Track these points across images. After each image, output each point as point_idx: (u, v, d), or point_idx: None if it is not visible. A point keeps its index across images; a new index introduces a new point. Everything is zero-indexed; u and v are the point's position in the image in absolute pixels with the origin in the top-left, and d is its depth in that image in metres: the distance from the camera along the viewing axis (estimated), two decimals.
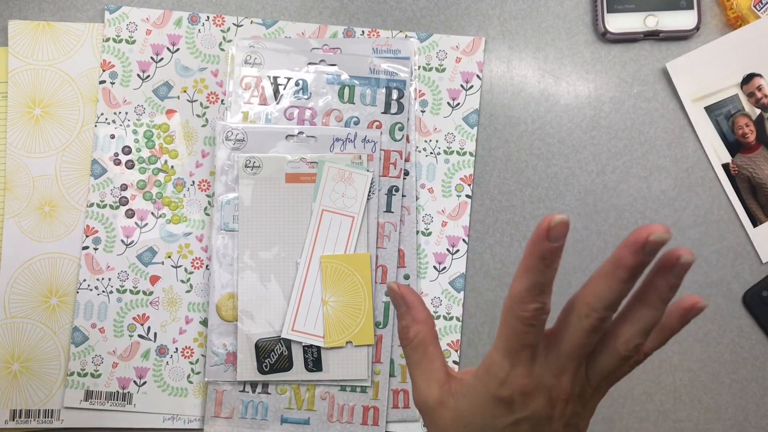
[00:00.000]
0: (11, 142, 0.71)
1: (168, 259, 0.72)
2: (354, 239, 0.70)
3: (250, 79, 0.71)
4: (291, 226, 0.70)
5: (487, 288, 0.72)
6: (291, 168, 0.70)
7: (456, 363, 0.71)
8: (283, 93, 0.71)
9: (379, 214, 0.71)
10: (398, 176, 0.71)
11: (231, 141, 0.70)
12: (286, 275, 0.70)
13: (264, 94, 0.71)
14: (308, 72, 0.71)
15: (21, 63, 0.71)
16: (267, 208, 0.70)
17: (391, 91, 0.71)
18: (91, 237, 0.71)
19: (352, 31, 0.73)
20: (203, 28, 0.73)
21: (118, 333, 0.71)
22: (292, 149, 0.70)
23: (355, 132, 0.71)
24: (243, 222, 0.69)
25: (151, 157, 0.72)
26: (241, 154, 0.70)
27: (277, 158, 0.70)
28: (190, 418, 0.71)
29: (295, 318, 0.69)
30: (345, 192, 0.70)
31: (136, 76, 0.72)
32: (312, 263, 0.69)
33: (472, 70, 0.72)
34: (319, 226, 0.69)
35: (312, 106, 0.71)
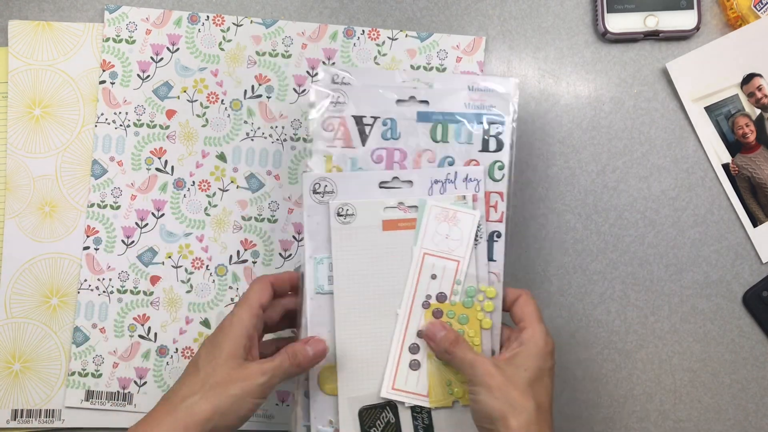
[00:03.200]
0: (11, 142, 0.71)
1: (168, 259, 0.72)
2: (460, 286, 0.62)
3: (332, 120, 0.63)
4: (390, 277, 0.62)
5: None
6: (388, 214, 0.62)
7: None
8: (370, 134, 0.63)
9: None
10: (500, 220, 0.63)
11: (320, 194, 0.62)
12: (386, 329, 0.62)
13: (348, 136, 0.63)
14: (397, 110, 0.64)
15: (21, 63, 0.71)
16: (364, 260, 0.62)
17: (489, 127, 0.64)
18: (91, 237, 0.71)
19: (352, 31, 0.73)
20: (203, 28, 0.73)
21: (119, 333, 0.71)
22: (386, 196, 0.63)
23: (455, 171, 0.63)
24: (339, 279, 0.62)
25: (151, 158, 0.72)
26: (333, 201, 0.62)
27: (372, 204, 0.62)
28: None
29: (396, 375, 0.61)
30: (449, 233, 0.62)
31: (136, 76, 0.72)
32: (413, 312, 0.62)
33: (473, 69, 0.72)
34: (420, 272, 0.62)
35: (402, 146, 0.63)
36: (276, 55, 0.73)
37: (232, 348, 0.57)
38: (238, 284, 0.72)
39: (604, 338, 0.73)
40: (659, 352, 0.72)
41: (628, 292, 0.73)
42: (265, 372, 0.56)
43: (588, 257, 0.73)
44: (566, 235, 0.73)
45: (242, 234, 0.72)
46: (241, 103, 0.72)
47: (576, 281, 0.73)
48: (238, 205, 0.72)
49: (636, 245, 0.73)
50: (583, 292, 0.73)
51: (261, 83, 0.72)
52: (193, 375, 0.56)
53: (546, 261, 0.73)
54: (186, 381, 0.56)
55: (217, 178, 0.72)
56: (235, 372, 0.56)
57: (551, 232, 0.73)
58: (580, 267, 0.73)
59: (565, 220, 0.73)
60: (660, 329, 0.73)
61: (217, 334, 0.58)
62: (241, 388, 0.55)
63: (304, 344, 0.59)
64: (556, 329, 0.72)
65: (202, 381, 0.55)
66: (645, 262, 0.73)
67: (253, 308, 0.59)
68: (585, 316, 0.73)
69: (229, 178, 0.72)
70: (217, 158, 0.72)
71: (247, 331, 0.58)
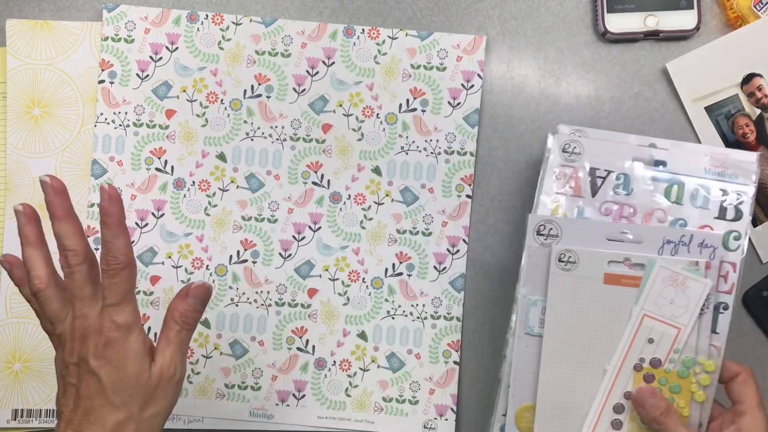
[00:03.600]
0: (11, 142, 0.71)
1: (168, 259, 0.72)
2: (677, 355, 0.61)
3: (566, 169, 0.64)
4: (603, 331, 0.62)
5: (487, 288, 0.72)
6: (611, 268, 0.62)
7: (456, 363, 0.72)
8: (601, 186, 0.64)
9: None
10: (729, 291, 0.62)
11: (543, 236, 0.63)
12: (590, 382, 0.62)
13: (579, 186, 0.63)
14: (632, 167, 0.64)
15: (19, 63, 0.71)
16: (579, 309, 0.62)
17: (729, 195, 0.63)
18: (92, 237, 0.71)
19: (352, 30, 0.72)
20: (202, 27, 0.72)
21: None
22: (613, 249, 0.62)
23: (690, 234, 0.61)
24: (550, 324, 0.62)
25: (151, 157, 0.72)
26: (556, 246, 0.62)
27: (597, 255, 0.62)
28: (190, 419, 0.72)
29: (594, 429, 0.62)
30: (674, 299, 0.61)
31: (136, 75, 0.72)
32: (622, 372, 0.61)
33: (473, 69, 0.72)
34: (636, 333, 0.61)
35: (633, 203, 0.63)
36: (275, 55, 0.72)
37: (136, 361, 0.53)
38: (237, 284, 0.72)
39: None
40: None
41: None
42: (173, 365, 0.54)
43: None
44: None
45: (242, 234, 0.72)
46: (240, 103, 0.72)
47: None
48: (238, 205, 0.72)
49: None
50: None
51: (261, 83, 0.72)
52: (109, 411, 0.52)
53: None
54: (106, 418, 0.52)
55: (217, 178, 0.72)
56: (149, 386, 0.53)
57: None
58: None
59: None
60: None
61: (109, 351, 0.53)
62: (165, 397, 0.54)
63: (185, 298, 0.56)
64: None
65: (128, 415, 0.52)
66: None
67: (129, 301, 0.54)
68: None
69: (229, 178, 0.72)
70: (216, 158, 0.72)
71: (139, 330, 0.54)
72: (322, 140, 0.72)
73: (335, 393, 0.71)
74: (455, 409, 0.72)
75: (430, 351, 0.72)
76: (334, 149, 0.72)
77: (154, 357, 0.54)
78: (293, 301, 0.72)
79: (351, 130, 0.72)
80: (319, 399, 0.71)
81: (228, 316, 0.72)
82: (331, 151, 0.72)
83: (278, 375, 0.72)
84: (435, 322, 0.72)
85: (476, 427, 0.72)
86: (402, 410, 0.72)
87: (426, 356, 0.72)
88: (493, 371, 0.72)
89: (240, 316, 0.72)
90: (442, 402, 0.72)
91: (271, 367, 0.72)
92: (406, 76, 0.72)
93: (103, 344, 0.52)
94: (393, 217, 0.72)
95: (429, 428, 0.71)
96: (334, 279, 0.72)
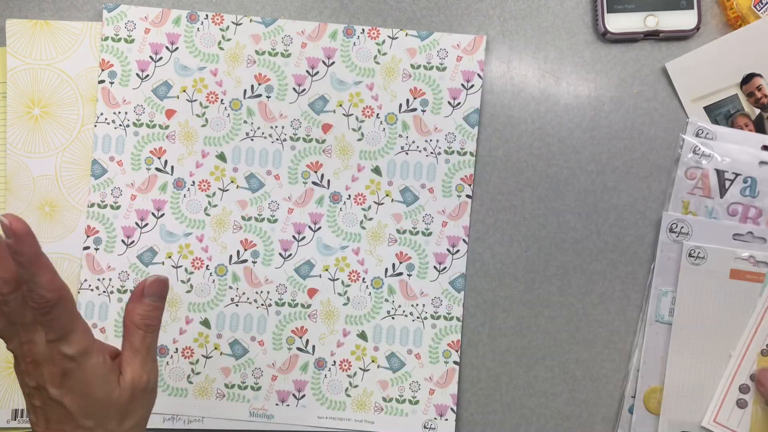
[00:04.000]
0: (11, 142, 0.71)
1: (168, 259, 0.72)
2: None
3: (695, 170, 0.70)
4: (728, 320, 0.69)
5: (487, 288, 0.72)
6: (737, 264, 0.69)
7: (456, 363, 0.72)
8: (729, 188, 0.69)
9: None
10: None
11: (675, 233, 0.70)
12: (716, 365, 0.69)
13: (708, 187, 0.69)
14: (759, 171, 0.70)
15: (19, 62, 0.71)
16: (706, 300, 0.69)
17: None
18: (92, 237, 0.71)
19: (352, 30, 0.72)
20: (202, 27, 0.72)
21: (119, 333, 0.71)
22: (739, 247, 0.69)
23: None
24: (679, 312, 0.69)
25: (151, 157, 0.72)
26: (687, 243, 0.69)
27: (725, 252, 0.69)
28: (190, 419, 0.72)
29: (720, 409, 0.68)
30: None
31: (135, 75, 0.72)
32: (746, 358, 0.68)
33: (473, 69, 0.72)
34: (760, 322, 0.68)
35: (758, 205, 0.70)
36: (275, 55, 0.72)
37: (100, 383, 0.50)
38: (238, 284, 0.72)
39: (604, 338, 0.73)
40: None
41: (628, 292, 0.73)
42: (143, 373, 0.52)
43: (588, 257, 0.73)
44: (566, 235, 0.73)
45: (242, 234, 0.72)
46: (240, 103, 0.72)
47: (576, 281, 0.73)
48: (238, 205, 0.72)
49: (636, 245, 0.73)
50: (583, 292, 0.73)
51: (260, 83, 0.72)
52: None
53: (546, 261, 0.73)
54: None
55: (217, 177, 0.72)
56: (121, 401, 0.51)
57: (551, 232, 0.73)
58: (580, 267, 0.73)
59: (565, 220, 0.73)
60: None
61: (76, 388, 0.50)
62: (142, 406, 0.52)
63: (141, 299, 0.52)
64: (556, 329, 0.73)
65: (106, 431, 0.51)
66: (645, 261, 0.73)
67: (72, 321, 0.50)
68: (585, 316, 0.73)
69: (228, 178, 0.72)
70: (216, 158, 0.72)
71: (105, 360, 0.51)
72: (322, 140, 0.72)
73: (335, 393, 0.71)
74: (455, 409, 0.72)
75: (430, 351, 0.72)
76: (334, 149, 0.72)
77: (122, 369, 0.51)
78: (293, 301, 0.72)
79: (351, 130, 0.72)
80: (319, 399, 0.71)
81: (228, 316, 0.72)
82: (331, 151, 0.72)
83: (278, 375, 0.72)
84: (435, 322, 0.72)
85: (476, 428, 0.72)
86: (402, 410, 0.72)
87: (426, 356, 0.72)
88: (494, 371, 0.72)
89: (240, 316, 0.72)
90: (442, 402, 0.72)
91: (271, 367, 0.72)
92: (406, 76, 0.72)
93: (60, 374, 0.49)
94: (393, 217, 0.72)
95: (429, 428, 0.71)
96: (334, 279, 0.72)
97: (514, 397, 0.73)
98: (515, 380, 0.73)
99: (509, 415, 0.73)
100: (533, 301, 0.73)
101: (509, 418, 0.73)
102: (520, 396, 0.73)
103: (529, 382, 0.73)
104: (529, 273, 0.73)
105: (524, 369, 0.73)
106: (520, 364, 0.73)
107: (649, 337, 0.70)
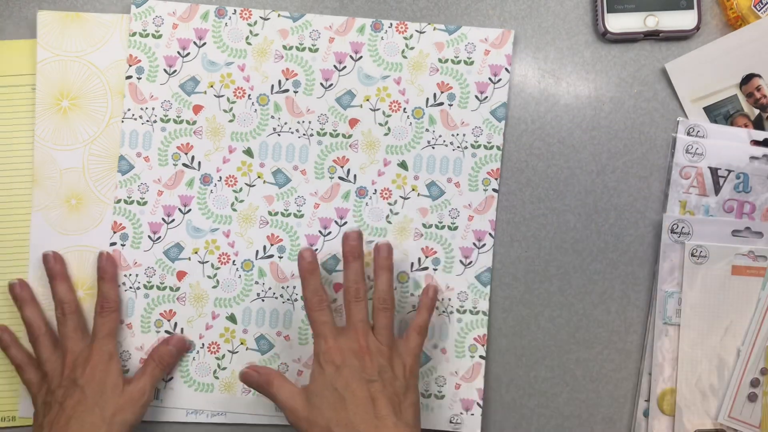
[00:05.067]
0: (39, 134, 0.71)
1: (195, 254, 0.72)
2: None
3: (689, 169, 0.70)
4: (734, 316, 0.70)
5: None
6: (738, 261, 0.70)
7: (482, 358, 0.71)
8: (723, 185, 0.70)
9: None
10: None
11: (676, 234, 0.70)
12: (725, 362, 0.70)
13: (704, 185, 0.70)
14: (750, 166, 0.70)
15: (49, 54, 0.71)
16: (711, 298, 0.70)
17: None
18: (118, 233, 0.71)
19: (380, 24, 0.72)
20: (230, 22, 0.72)
21: (146, 329, 0.71)
22: (738, 244, 0.70)
23: None
24: (686, 312, 0.70)
25: (178, 153, 0.72)
26: (689, 242, 0.70)
27: (725, 249, 0.70)
28: (213, 413, 0.71)
29: (733, 404, 0.69)
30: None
31: (163, 71, 0.72)
32: (754, 351, 0.69)
33: (501, 63, 0.72)
34: (765, 315, 0.69)
35: (752, 200, 0.71)
36: (303, 49, 0.72)
37: (114, 379, 0.66)
38: (264, 279, 0.72)
39: (604, 338, 0.72)
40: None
41: (628, 292, 0.72)
42: (144, 390, 0.67)
43: (588, 257, 0.72)
44: (566, 235, 0.72)
45: (269, 229, 0.72)
46: (268, 98, 0.72)
47: (576, 281, 0.72)
48: (265, 201, 0.72)
49: (636, 245, 0.72)
50: (583, 292, 0.72)
51: (288, 78, 0.72)
52: (87, 413, 0.64)
53: (546, 261, 0.72)
54: (84, 418, 0.64)
55: (244, 173, 0.72)
56: (121, 399, 0.66)
57: (551, 232, 0.72)
58: (580, 267, 0.72)
59: (565, 220, 0.72)
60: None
61: (95, 371, 0.66)
62: (132, 412, 0.66)
63: (167, 345, 0.70)
64: (556, 329, 0.72)
65: (101, 417, 0.64)
66: (645, 262, 0.72)
67: (114, 336, 0.68)
68: (585, 316, 0.72)
69: (255, 173, 0.72)
70: (243, 153, 0.72)
71: (118, 359, 0.68)
72: (348, 135, 0.72)
73: None
74: (481, 403, 0.71)
75: (455, 345, 0.71)
76: (360, 144, 0.72)
77: (130, 382, 0.67)
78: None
79: (378, 124, 0.72)
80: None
81: (254, 311, 0.72)
82: (357, 145, 0.72)
83: (304, 370, 0.71)
84: (461, 317, 0.71)
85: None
86: (428, 405, 0.71)
87: (452, 351, 0.71)
88: (494, 371, 0.72)
89: (266, 311, 0.72)
90: (468, 397, 0.71)
91: (297, 362, 0.71)
92: (433, 70, 0.72)
93: (91, 367, 0.66)
94: (419, 212, 0.72)
95: (455, 423, 0.71)
96: None
97: (515, 397, 0.72)
98: (515, 380, 0.72)
99: (509, 415, 0.72)
100: (533, 301, 0.72)
101: (509, 418, 0.72)
102: (520, 396, 0.72)
103: (529, 382, 0.72)
104: (529, 273, 0.72)
105: (524, 369, 0.72)
106: (520, 364, 0.72)
107: (657, 339, 0.70)
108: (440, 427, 0.71)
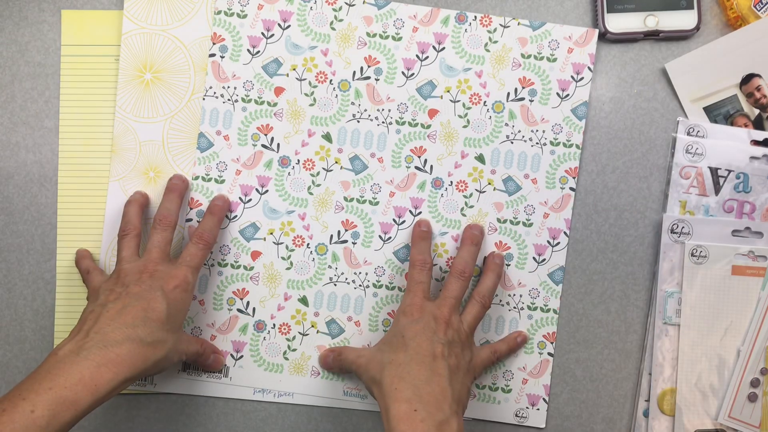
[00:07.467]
0: (120, 105, 0.71)
1: (270, 235, 0.72)
2: None
3: (689, 169, 0.70)
4: (734, 316, 0.70)
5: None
6: (738, 260, 0.70)
7: (551, 355, 0.72)
8: (723, 185, 0.70)
9: None
10: None
11: (676, 234, 0.70)
12: (725, 362, 0.70)
13: (704, 185, 0.70)
14: (750, 166, 0.71)
15: (135, 26, 0.71)
16: (711, 298, 0.70)
17: None
18: (195, 210, 0.71)
19: (464, 16, 0.72)
20: (315, 6, 0.72)
21: (218, 306, 0.71)
22: (738, 244, 0.70)
23: None
24: (686, 312, 0.70)
25: (257, 134, 0.72)
26: (689, 242, 0.70)
27: (725, 249, 0.70)
28: (280, 393, 0.71)
29: (732, 404, 0.69)
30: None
31: (246, 51, 0.72)
32: (754, 351, 0.69)
33: (584, 61, 0.72)
34: (764, 315, 0.69)
35: (752, 200, 0.71)
36: (386, 38, 0.73)
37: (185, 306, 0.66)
38: (337, 264, 0.72)
39: (604, 338, 0.73)
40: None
41: (628, 292, 0.73)
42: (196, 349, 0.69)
43: (588, 257, 0.73)
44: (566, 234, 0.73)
45: (344, 214, 0.72)
46: (349, 84, 0.72)
47: (576, 281, 0.73)
48: (341, 186, 0.72)
49: (636, 245, 0.73)
50: (583, 292, 0.73)
51: (370, 65, 0.72)
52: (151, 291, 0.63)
53: None
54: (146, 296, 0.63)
55: (322, 158, 0.72)
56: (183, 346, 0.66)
57: None
58: (580, 267, 0.73)
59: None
60: None
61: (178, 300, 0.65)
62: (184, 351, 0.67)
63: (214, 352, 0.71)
64: (556, 329, 0.73)
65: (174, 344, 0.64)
66: (645, 262, 0.73)
67: (198, 271, 0.68)
68: (585, 316, 0.73)
69: (333, 158, 0.72)
70: (322, 138, 0.72)
71: (192, 292, 0.67)
72: (427, 125, 0.72)
73: None
74: (547, 399, 0.72)
75: None
76: (438, 135, 0.72)
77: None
78: (391, 284, 0.72)
79: (457, 116, 0.72)
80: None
81: (326, 295, 0.72)
82: (435, 136, 0.72)
83: None
84: (531, 313, 0.72)
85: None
86: (494, 398, 0.72)
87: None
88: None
89: (338, 295, 0.72)
90: (535, 392, 0.72)
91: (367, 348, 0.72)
92: (516, 65, 0.72)
93: (173, 286, 0.64)
94: (494, 206, 0.72)
95: (520, 417, 0.72)
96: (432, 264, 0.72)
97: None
98: None
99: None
100: None
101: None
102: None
103: None
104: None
105: None
106: None
107: (657, 339, 0.71)
108: (506, 420, 0.72)
